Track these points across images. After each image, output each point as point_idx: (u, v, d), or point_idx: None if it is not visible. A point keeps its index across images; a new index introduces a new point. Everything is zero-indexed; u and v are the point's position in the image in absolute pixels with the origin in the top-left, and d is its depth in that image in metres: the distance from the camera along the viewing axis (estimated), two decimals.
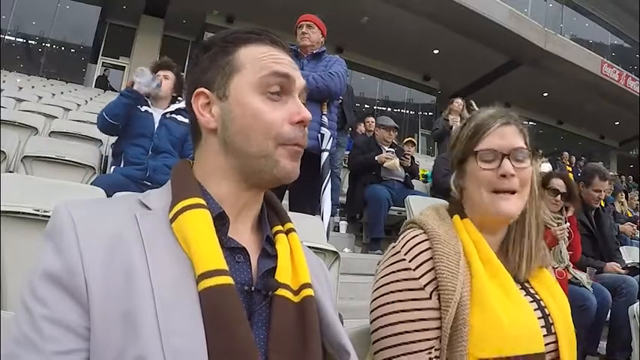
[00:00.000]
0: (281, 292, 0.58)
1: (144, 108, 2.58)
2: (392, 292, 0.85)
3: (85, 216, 0.55)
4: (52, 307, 0.49)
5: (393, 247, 0.91)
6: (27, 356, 0.48)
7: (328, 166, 2.70)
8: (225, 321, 0.50)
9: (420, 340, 0.80)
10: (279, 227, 0.67)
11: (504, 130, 0.91)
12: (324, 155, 2.67)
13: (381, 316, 0.84)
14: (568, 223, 2.54)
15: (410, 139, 5.63)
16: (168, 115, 2.57)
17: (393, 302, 0.84)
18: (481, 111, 0.96)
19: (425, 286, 0.83)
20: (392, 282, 0.86)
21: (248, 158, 0.61)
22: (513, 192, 0.88)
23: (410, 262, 0.85)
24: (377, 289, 0.88)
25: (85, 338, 0.49)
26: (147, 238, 0.54)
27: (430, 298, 0.82)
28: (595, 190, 2.98)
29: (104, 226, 0.54)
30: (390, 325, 0.83)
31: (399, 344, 0.81)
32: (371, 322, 0.87)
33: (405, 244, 0.88)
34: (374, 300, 0.88)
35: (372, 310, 0.87)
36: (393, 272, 0.86)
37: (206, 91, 0.63)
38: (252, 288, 0.58)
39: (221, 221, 0.59)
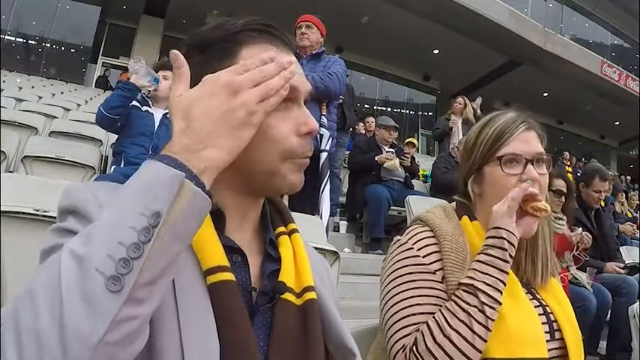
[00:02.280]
0: (285, 295, 0.58)
1: (144, 108, 2.58)
2: (402, 275, 0.86)
3: (104, 192, 0.53)
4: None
5: (399, 240, 0.91)
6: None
7: (327, 166, 2.70)
8: (228, 316, 0.51)
9: (430, 312, 0.81)
10: (282, 229, 0.66)
11: (528, 135, 0.91)
12: (323, 155, 2.68)
13: (395, 303, 0.85)
14: (581, 229, 2.53)
15: (410, 140, 5.64)
16: (169, 116, 2.57)
17: (405, 286, 0.85)
18: (499, 115, 0.95)
19: (436, 271, 0.85)
20: (402, 267, 0.87)
21: (253, 175, 0.59)
22: None
23: (418, 251, 0.87)
24: (387, 278, 0.88)
25: None
26: None
27: (442, 281, 0.84)
28: (595, 191, 2.98)
29: None
30: (404, 308, 0.83)
31: (415, 323, 0.81)
32: (383, 316, 0.87)
33: (412, 237, 0.89)
34: (385, 290, 0.88)
35: (383, 300, 0.88)
36: (402, 260, 0.87)
37: None
38: (257, 289, 0.58)
39: (217, 219, 0.59)
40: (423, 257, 0.86)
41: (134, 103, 2.57)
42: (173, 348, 0.47)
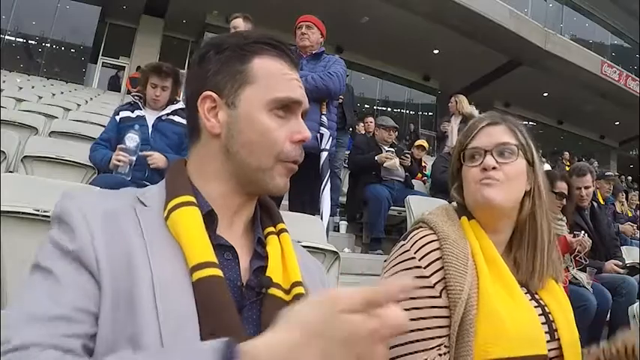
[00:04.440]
0: (272, 291, 0.60)
1: (135, 113, 2.54)
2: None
3: (90, 202, 0.58)
4: (70, 274, 0.52)
5: (402, 245, 0.91)
6: (47, 307, 0.50)
7: (327, 166, 2.70)
8: (215, 308, 0.53)
9: (430, 338, 0.81)
10: (272, 229, 0.69)
11: (491, 129, 0.94)
12: (323, 155, 2.67)
13: None
14: (582, 232, 2.53)
15: (421, 142, 5.62)
16: (164, 118, 2.54)
17: (404, 304, 0.83)
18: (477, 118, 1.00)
19: (435, 284, 0.84)
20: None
21: (247, 169, 0.64)
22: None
23: (420, 260, 0.86)
24: None
25: (97, 305, 0.52)
26: (146, 228, 0.57)
27: (440, 296, 0.83)
28: (576, 188, 3.00)
29: (107, 211, 0.57)
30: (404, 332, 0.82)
31: (410, 342, 0.81)
32: None
33: (415, 243, 0.89)
34: None
35: None
36: (403, 270, 0.87)
37: (214, 95, 0.64)
38: (244, 284, 0.60)
39: (210, 219, 0.61)
40: (425, 268, 0.85)
41: (124, 114, 2.56)
42: (153, 339, 0.49)
